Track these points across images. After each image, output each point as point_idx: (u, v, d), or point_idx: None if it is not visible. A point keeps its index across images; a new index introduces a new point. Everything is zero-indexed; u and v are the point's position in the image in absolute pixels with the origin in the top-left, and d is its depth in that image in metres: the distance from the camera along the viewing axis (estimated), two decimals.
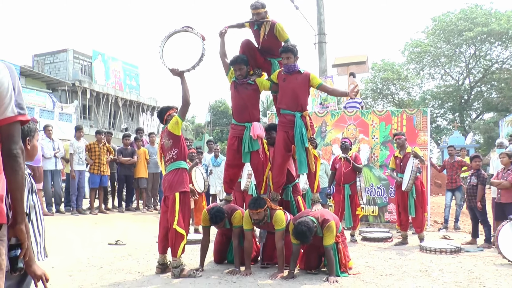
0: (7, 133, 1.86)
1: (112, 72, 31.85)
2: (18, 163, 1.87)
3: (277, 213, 5.09)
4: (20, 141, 1.92)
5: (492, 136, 28.27)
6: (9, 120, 1.84)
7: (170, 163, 5.09)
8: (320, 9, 14.66)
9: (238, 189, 6.75)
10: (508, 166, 6.89)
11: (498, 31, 29.18)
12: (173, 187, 4.97)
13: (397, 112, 9.91)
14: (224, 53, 5.57)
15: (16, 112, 1.86)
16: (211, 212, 5.14)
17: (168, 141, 5.12)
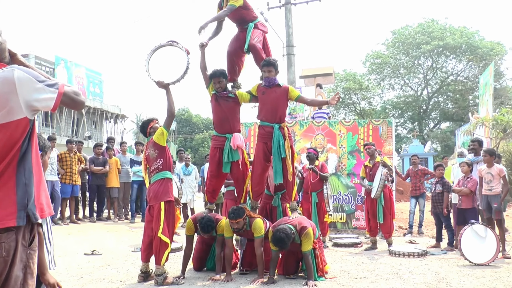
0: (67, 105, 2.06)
1: (75, 79, 31.23)
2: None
3: (256, 221, 5.30)
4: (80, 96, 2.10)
5: (448, 145, 29.53)
6: (58, 100, 1.98)
7: (156, 173, 5.23)
8: (289, 22, 15.05)
9: (230, 197, 6.93)
10: (468, 174, 7.40)
11: (452, 45, 30.63)
12: (158, 196, 5.10)
13: (363, 122, 10.34)
14: (205, 67, 5.73)
15: (55, 90, 1.98)
16: (202, 222, 5.28)
17: (154, 152, 5.26)
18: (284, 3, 15.32)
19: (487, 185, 7.04)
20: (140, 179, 10.55)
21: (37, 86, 1.94)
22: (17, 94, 1.89)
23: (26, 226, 1.93)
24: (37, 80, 1.96)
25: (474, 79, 30.78)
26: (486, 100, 17.97)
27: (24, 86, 1.91)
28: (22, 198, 1.93)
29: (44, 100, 1.94)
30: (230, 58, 5.89)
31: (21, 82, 1.90)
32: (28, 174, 1.97)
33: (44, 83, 1.96)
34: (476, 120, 16.23)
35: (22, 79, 1.91)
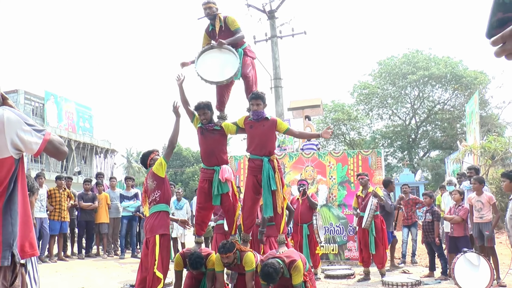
0: (50, 153, 2.12)
1: (65, 114, 31.24)
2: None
3: (247, 255, 5.24)
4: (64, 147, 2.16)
5: (439, 173, 29.67)
6: (43, 146, 2.04)
7: (153, 205, 5.23)
8: (275, 54, 15.31)
9: (220, 231, 6.88)
10: (459, 202, 7.44)
11: (437, 74, 31.22)
12: (153, 229, 5.09)
13: (352, 153, 10.41)
14: (186, 101, 5.71)
15: (41, 136, 2.05)
16: (191, 259, 5.20)
17: (152, 183, 5.27)
18: (270, 37, 15.62)
19: (477, 213, 7.07)
20: (130, 214, 10.45)
21: (25, 128, 1.99)
22: (4, 133, 1.92)
23: (8, 266, 1.91)
24: (25, 122, 2.01)
25: (460, 108, 31.25)
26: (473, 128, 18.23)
27: (12, 126, 1.95)
28: (8, 238, 1.91)
29: (29, 143, 1.99)
30: (219, 88, 5.90)
31: (10, 121, 1.95)
32: (14, 214, 1.97)
33: (32, 127, 2.02)
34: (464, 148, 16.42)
35: (11, 119, 1.96)
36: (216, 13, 5.68)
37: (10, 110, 2.00)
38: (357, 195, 8.11)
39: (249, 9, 14.96)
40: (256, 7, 15.47)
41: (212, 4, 5.67)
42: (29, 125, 2.01)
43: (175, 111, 5.54)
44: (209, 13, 5.66)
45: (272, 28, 15.55)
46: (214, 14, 5.66)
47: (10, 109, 2.01)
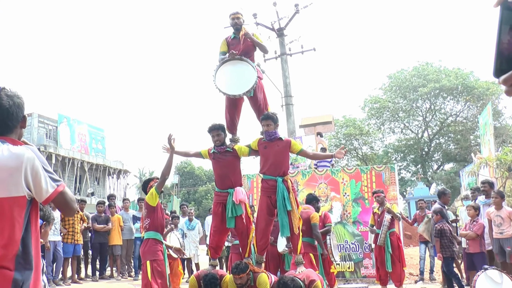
0: (58, 206, 2.07)
1: (78, 136, 31.56)
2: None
3: (261, 276, 5.17)
4: (74, 205, 2.13)
5: (454, 186, 29.27)
6: (53, 196, 2.00)
7: (144, 232, 5.48)
8: (285, 72, 15.34)
9: (236, 251, 6.82)
10: (474, 217, 7.28)
11: (448, 86, 31.03)
12: (144, 256, 5.36)
13: (366, 169, 10.30)
14: (186, 153, 6.04)
15: (55, 185, 2.00)
16: (206, 279, 5.16)
17: (144, 211, 5.51)
18: (279, 54, 15.67)
19: (497, 228, 6.90)
20: None
21: (42, 173, 1.97)
22: (21, 172, 1.91)
23: None
24: (44, 168, 1.99)
25: (473, 119, 30.96)
26: (488, 140, 17.96)
27: (30, 167, 1.93)
28: (18, 282, 1.88)
29: (41, 189, 1.96)
30: (230, 110, 5.88)
31: (29, 162, 1.94)
32: (28, 258, 1.95)
33: (49, 175, 2.00)
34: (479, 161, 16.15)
35: (31, 160, 1.94)
36: (242, 24, 5.87)
37: (32, 151, 1.98)
38: (374, 212, 8.02)
39: (258, 27, 15.06)
40: (265, 25, 15.57)
41: (239, 15, 5.88)
42: (47, 171, 1.99)
43: (169, 144, 5.60)
44: (237, 23, 5.86)
45: (282, 46, 15.61)
46: (240, 25, 5.85)
47: (34, 150, 2.00)
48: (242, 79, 5.60)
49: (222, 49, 5.91)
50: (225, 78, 5.61)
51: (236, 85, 5.58)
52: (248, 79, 5.55)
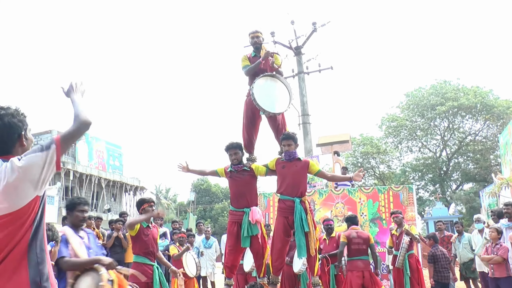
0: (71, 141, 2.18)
1: (96, 153, 31.94)
2: None
3: None
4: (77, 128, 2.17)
5: (473, 206, 28.71)
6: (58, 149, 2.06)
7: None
8: (303, 90, 15.36)
9: (240, 271, 6.77)
10: (496, 240, 7.08)
11: (467, 105, 30.67)
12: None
13: (383, 189, 10.18)
14: (202, 172, 6.07)
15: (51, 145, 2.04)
16: None
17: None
18: (297, 73, 15.71)
19: None
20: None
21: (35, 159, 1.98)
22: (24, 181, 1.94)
23: None
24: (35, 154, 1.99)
25: (493, 138, 30.50)
26: (509, 160, 17.64)
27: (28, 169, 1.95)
28: (35, 276, 1.94)
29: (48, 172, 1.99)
30: (248, 129, 5.89)
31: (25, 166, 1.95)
32: (40, 253, 2.00)
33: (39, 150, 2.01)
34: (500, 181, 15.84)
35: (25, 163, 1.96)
36: (262, 43, 5.90)
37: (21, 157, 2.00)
38: (392, 233, 7.90)
39: (276, 46, 15.13)
40: (283, 44, 15.65)
41: (259, 34, 5.92)
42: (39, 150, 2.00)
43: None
44: (256, 42, 5.89)
45: (299, 64, 15.66)
46: (260, 43, 5.88)
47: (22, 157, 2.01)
48: (278, 96, 5.67)
49: (244, 64, 5.92)
50: (263, 93, 5.56)
51: (273, 102, 5.59)
52: (284, 97, 5.65)
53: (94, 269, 3.54)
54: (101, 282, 3.38)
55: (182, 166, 5.80)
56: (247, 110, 5.77)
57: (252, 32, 5.92)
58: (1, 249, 1.90)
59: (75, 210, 3.83)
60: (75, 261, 3.58)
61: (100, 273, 3.45)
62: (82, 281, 3.50)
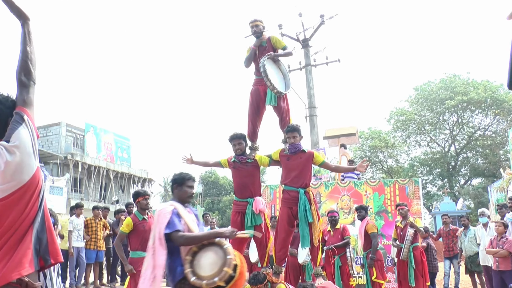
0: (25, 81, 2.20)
1: (104, 145, 32.12)
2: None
3: (279, 287, 5.14)
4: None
5: (482, 201, 28.53)
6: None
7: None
8: (310, 83, 15.32)
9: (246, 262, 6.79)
10: (502, 234, 7.08)
11: (477, 99, 30.40)
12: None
13: (389, 182, 10.15)
14: (206, 163, 6.07)
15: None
16: None
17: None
18: (304, 65, 15.66)
19: None
20: None
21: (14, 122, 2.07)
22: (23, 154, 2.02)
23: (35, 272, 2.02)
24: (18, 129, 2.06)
25: (503, 134, 30.23)
26: None
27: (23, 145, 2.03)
28: (35, 244, 2.05)
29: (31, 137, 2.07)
30: (252, 119, 5.89)
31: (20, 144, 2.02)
32: (41, 222, 2.09)
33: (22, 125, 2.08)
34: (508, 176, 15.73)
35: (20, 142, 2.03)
36: (263, 31, 5.82)
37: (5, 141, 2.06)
38: (396, 226, 7.90)
39: (283, 38, 15.07)
40: (290, 36, 15.60)
41: (259, 23, 5.82)
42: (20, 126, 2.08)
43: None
44: (256, 31, 5.81)
45: (306, 57, 15.61)
46: (260, 32, 5.80)
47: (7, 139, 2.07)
48: (283, 77, 5.76)
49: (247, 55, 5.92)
50: (272, 71, 5.60)
51: (280, 82, 5.65)
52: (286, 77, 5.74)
53: (214, 243, 3.33)
54: (229, 255, 3.18)
55: (187, 158, 5.84)
56: (252, 100, 5.79)
57: (251, 21, 5.85)
58: (12, 224, 1.98)
59: (184, 185, 3.71)
60: (194, 235, 3.37)
61: (224, 246, 3.26)
62: (204, 257, 3.29)
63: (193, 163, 5.89)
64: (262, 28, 5.81)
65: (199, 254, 3.30)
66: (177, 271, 3.34)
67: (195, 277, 3.17)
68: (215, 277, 3.12)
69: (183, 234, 3.32)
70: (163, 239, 3.31)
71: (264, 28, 5.84)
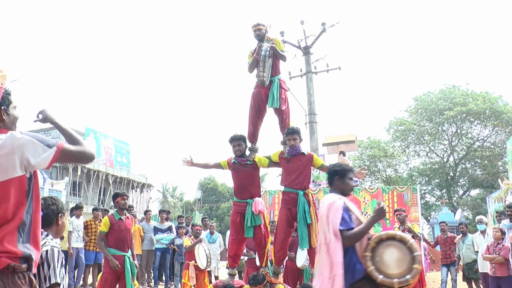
0: (69, 160, 2.34)
1: (104, 149, 32.15)
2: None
3: (278, 287, 5.20)
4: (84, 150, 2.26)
5: (480, 212, 28.48)
6: (57, 154, 2.14)
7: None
8: (310, 90, 15.42)
9: (252, 265, 6.88)
10: (499, 240, 7.15)
11: (476, 110, 30.51)
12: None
13: (387, 189, 10.23)
14: (206, 165, 6.16)
15: (52, 148, 2.13)
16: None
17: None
18: (305, 72, 15.77)
19: None
20: (163, 246, 10.53)
21: (35, 147, 2.09)
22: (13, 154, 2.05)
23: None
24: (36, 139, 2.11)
25: (501, 145, 30.32)
26: None
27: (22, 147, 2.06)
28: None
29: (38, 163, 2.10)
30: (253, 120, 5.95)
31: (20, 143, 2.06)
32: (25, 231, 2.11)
33: (44, 143, 2.12)
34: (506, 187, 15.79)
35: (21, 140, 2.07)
36: (265, 34, 5.85)
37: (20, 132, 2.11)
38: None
39: (285, 45, 15.18)
40: (292, 43, 15.73)
41: (261, 27, 5.87)
42: (40, 141, 2.11)
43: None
44: (259, 35, 5.85)
45: (307, 64, 15.72)
46: (262, 36, 5.84)
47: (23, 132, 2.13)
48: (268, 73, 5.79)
49: (249, 61, 5.99)
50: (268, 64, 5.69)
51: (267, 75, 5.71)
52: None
53: (394, 239, 3.12)
54: (416, 252, 3.01)
55: (187, 160, 5.94)
56: (254, 102, 5.86)
57: (254, 25, 5.89)
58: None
59: (346, 177, 3.54)
60: (357, 233, 3.12)
61: (409, 243, 3.07)
62: (386, 254, 3.06)
63: (193, 166, 5.99)
64: (265, 32, 5.89)
65: (378, 250, 3.10)
66: (356, 269, 3.10)
67: (382, 276, 3.00)
68: (405, 274, 2.98)
69: (350, 235, 3.12)
70: (339, 234, 3.11)
71: (266, 31, 5.92)
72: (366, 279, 3.05)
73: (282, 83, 5.90)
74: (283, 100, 5.82)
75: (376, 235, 3.17)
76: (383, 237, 3.13)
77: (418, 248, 3.05)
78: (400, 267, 3.01)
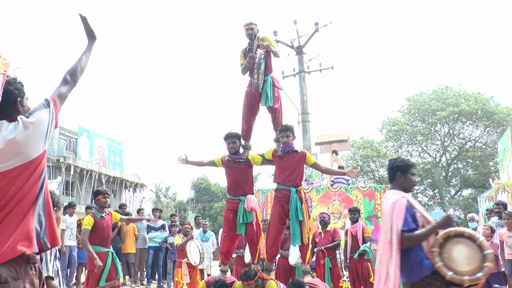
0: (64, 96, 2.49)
1: (97, 149, 32.09)
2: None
3: (269, 283, 5.25)
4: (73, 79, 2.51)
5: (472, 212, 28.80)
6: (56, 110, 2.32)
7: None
8: (303, 89, 15.51)
9: (241, 262, 6.92)
10: (488, 237, 7.25)
11: (468, 111, 30.77)
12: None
13: (379, 188, 10.33)
14: (200, 163, 6.20)
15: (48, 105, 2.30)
16: (216, 286, 5.25)
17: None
18: (298, 72, 15.86)
19: (509, 249, 6.85)
20: (156, 245, 10.56)
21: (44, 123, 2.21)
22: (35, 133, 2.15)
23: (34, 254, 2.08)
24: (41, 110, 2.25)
25: (493, 145, 30.58)
26: (506, 166, 17.76)
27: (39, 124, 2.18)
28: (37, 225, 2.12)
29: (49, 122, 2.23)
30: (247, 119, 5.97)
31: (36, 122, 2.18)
32: (42, 205, 2.18)
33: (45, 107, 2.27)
34: (497, 186, 15.96)
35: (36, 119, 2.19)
36: (256, 34, 5.84)
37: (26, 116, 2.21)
38: None
39: (278, 44, 15.27)
40: (285, 43, 15.81)
41: (253, 26, 5.86)
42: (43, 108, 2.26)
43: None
44: (251, 34, 5.83)
45: (300, 63, 15.81)
46: (255, 34, 5.82)
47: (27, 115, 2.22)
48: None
49: (241, 62, 6.00)
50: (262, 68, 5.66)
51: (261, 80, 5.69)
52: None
53: (462, 235, 3.08)
54: (487, 250, 2.98)
55: (182, 158, 5.98)
56: (247, 100, 5.90)
57: (246, 24, 5.86)
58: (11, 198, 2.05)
59: (409, 173, 3.44)
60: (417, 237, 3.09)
61: (479, 240, 3.04)
62: (455, 250, 3.02)
63: (188, 163, 6.03)
64: (257, 31, 5.90)
65: (446, 246, 3.06)
66: (424, 264, 3.07)
67: (452, 272, 2.96)
68: (477, 272, 2.94)
69: (409, 237, 3.09)
70: (400, 235, 3.09)
71: (258, 31, 5.94)
72: (434, 275, 3.03)
73: (275, 81, 5.93)
74: (276, 98, 5.87)
75: (444, 231, 3.12)
76: (451, 234, 3.08)
77: (488, 246, 3.04)
78: (470, 264, 2.97)
